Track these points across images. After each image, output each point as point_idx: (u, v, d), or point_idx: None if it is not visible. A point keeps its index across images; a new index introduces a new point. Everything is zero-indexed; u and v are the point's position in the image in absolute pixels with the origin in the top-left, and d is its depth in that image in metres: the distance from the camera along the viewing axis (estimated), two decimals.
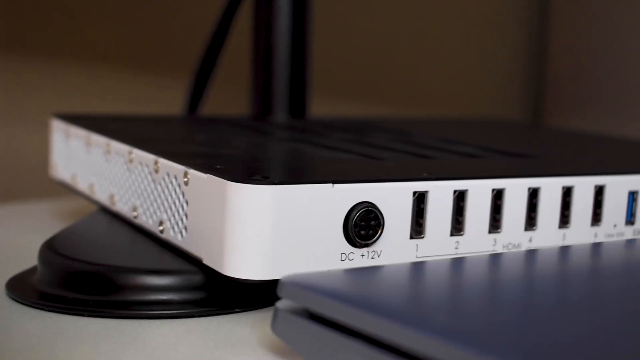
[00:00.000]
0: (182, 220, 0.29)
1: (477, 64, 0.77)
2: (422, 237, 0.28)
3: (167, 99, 0.61)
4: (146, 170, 0.32)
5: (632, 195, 0.32)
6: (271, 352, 0.24)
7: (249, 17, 0.50)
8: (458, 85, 0.77)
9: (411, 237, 0.28)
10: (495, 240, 0.30)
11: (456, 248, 0.29)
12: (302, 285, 0.22)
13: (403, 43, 0.73)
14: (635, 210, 0.32)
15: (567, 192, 0.31)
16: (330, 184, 0.26)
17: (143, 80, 0.63)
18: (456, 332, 0.18)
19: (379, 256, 0.27)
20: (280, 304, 0.23)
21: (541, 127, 0.71)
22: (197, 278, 0.28)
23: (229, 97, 0.63)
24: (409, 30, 0.73)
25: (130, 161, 0.33)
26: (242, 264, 0.26)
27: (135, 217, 0.33)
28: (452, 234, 0.29)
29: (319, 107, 0.59)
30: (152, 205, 0.31)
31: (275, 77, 0.49)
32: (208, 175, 0.27)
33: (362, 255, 0.27)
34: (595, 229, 0.32)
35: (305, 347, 0.21)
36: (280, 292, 0.22)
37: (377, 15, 0.72)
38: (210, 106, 0.58)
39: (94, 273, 0.28)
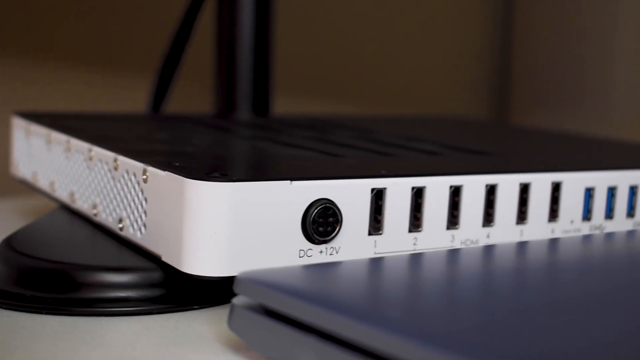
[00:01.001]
0: (141, 217, 0.29)
1: (442, 63, 0.78)
2: (380, 234, 0.28)
3: (131, 97, 0.61)
4: (106, 167, 0.32)
5: (588, 192, 0.33)
6: (228, 348, 0.24)
7: (212, 14, 0.50)
8: (423, 84, 0.77)
9: (369, 234, 0.28)
10: (453, 237, 0.30)
11: (414, 244, 0.29)
12: (257, 282, 0.22)
13: (368, 41, 0.74)
14: (591, 207, 0.33)
15: (525, 189, 0.31)
16: (289, 181, 0.26)
17: (106, 78, 0.63)
18: (410, 328, 0.19)
19: (337, 252, 0.28)
20: (236, 300, 0.23)
21: (505, 125, 0.72)
22: (156, 275, 0.28)
23: (194, 95, 0.63)
24: (374, 28, 0.74)
25: (90, 159, 0.33)
26: (200, 260, 0.26)
27: (95, 214, 0.32)
28: (410, 231, 0.29)
29: (284, 105, 0.59)
30: (111, 202, 0.31)
31: (238, 75, 0.49)
32: (166, 172, 0.27)
33: (321, 252, 0.27)
34: (553, 225, 0.32)
35: (260, 343, 0.22)
36: (236, 288, 0.22)
37: (341, 13, 0.72)
38: (175, 104, 0.58)
39: (52, 270, 0.28)
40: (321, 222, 0.27)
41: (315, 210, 0.27)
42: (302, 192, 0.27)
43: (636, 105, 0.69)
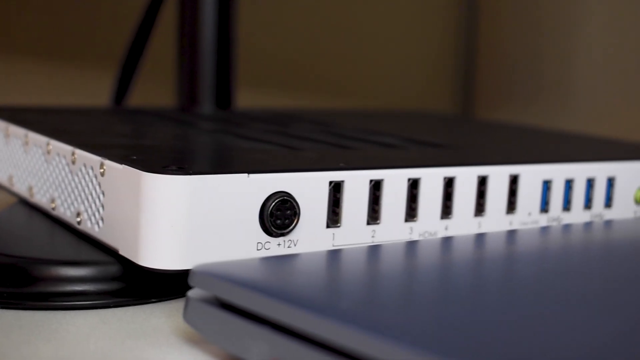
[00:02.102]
0: (98, 211, 0.29)
1: (409, 57, 0.78)
2: (339, 226, 0.28)
3: (94, 90, 0.61)
4: (64, 161, 0.31)
5: (546, 184, 0.33)
6: (183, 341, 0.24)
7: (174, 7, 0.50)
8: (390, 78, 0.77)
9: (327, 226, 0.28)
10: (411, 229, 0.30)
11: (372, 237, 0.29)
12: (212, 274, 0.22)
13: (333, 35, 0.74)
14: (549, 199, 0.33)
15: (482, 181, 0.31)
16: (246, 174, 0.26)
17: (68, 71, 0.63)
18: (363, 320, 0.19)
19: (295, 245, 0.28)
20: (191, 293, 0.23)
21: (468, 118, 0.72)
22: (113, 269, 0.28)
23: (157, 89, 0.62)
24: (339, 22, 0.74)
25: (48, 152, 0.33)
26: (157, 254, 0.26)
27: (54, 208, 0.32)
28: (368, 223, 0.29)
29: (248, 99, 0.59)
30: (69, 196, 0.31)
31: (200, 68, 0.49)
32: (123, 165, 0.27)
33: (279, 245, 0.27)
34: (511, 217, 0.32)
35: (215, 335, 0.22)
36: (191, 281, 0.22)
37: (306, 6, 0.72)
38: (139, 98, 0.58)
39: (8, 265, 0.28)
40: (279, 215, 0.27)
41: (273, 203, 0.27)
42: (260, 185, 0.27)
43: (597, 100, 0.69)
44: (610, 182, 0.35)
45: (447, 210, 0.31)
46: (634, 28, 0.68)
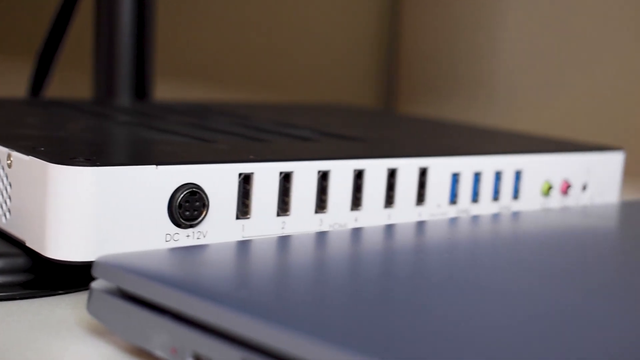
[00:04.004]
0: (6, 202, 0.29)
1: (332, 52, 0.78)
2: (248, 218, 0.29)
3: (11, 82, 0.60)
4: None
5: (455, 176, 0.34)
6: (88, 332, 0.24)
7: None
8: (312, 72, 0.78)
9: (237, 218, 0.28)
10: (321, 220, 0.30)
11: (282, 228, 0.30)
12: (114, 265, 0.22)
13: (257, 28, 0.74)
14: (458, 191, 0.34)
15: (392, 174, 0.32)
16: (154, 166, 0.26)
17: None
18: (261, 309, 0.19)
19: (204, 237, 0.28)
20: (95, 284, 0.23)
21: (386, 112, 0.73)
22: (20, 261, 0.28)
23: (76, 81, 0.62)
24: (262, 16, 0.74)
25: None
26: (64, 245, 0.26)
27: None
28: (278, 214, 0.29)
29: (171, 91, 0.59)
30: None
31: (118, 60, 0.48)
32: (30, 157, 0.27)
33: (188, 236, 0.27)
34: (420, 208, 0.33)
35: (118, 326, 0.22)
36: (94, 272, 0.22)
37: None
38: (58, 89, 0.57)
39: None
40: (187, 207, 0.27)
41: (182, 195, 0.27)
42: (168, 177, 0.27)
43: (515, 94, 0.71)
44: (518, 175, 0.36)
45: (356, 201, 0.31)
46: (551, 24, 0.69)
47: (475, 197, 0.34)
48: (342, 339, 0.17)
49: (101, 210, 0.26)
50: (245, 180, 0.29)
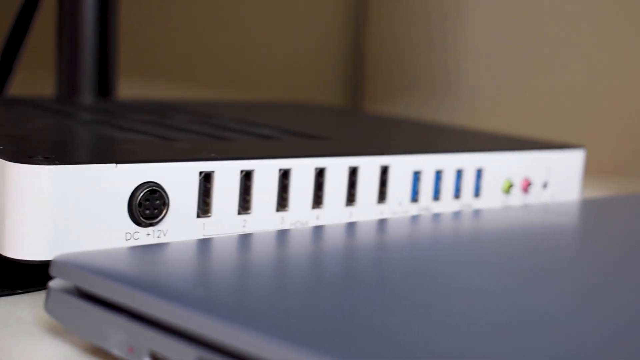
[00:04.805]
0: None
1: (298, 49, 0.78)
2: (209, 216, 0.29)
3: None
4: None
5: (416, 174, 0.34)
6: (46, 331, 0.24)
7: None
8: (278, 70, 0.78)
9: (198, 216, 0.28)
10: (282, 219, 0.30)
11: (244, 226, 0.30)
12: (72, 264, 0.22)
13: (223, 27, 0.74)
14: (419, 189, 0.34)
15: (353, 172, 0.32)
16: (114, 164, 0.26)
17: None
18: (216, 306, 0.19)
19: (165, 235, 0.28)
20: (52, 283, 0.23)
21: (351, 111, 0.73)
22: None
23: (39, 79, 0.61)
24: (228, 14, 0.74)
25: None
26: (23, 244, 0.25)
27: None
28: (239, 213, 0.29)
29: (138, 89, 0.58)
30: None
31: (80, 58, 0.48)
32: None
33: (148, 235, 0.27)
34: (381, 206, 0.33)
35: (75, 325, 0.22)
36: (52, 271, 0.22)
37: None
38: (20, 87, 0.56)
39: None
40: (147, 205, 0.27)
41: (142, 193, 0.27)
42: (128, 175, 0.27)
43: (482, 94, 0.71)
44: (479, 173, 0.36)
45: (318, 200, 0.31)
46: (515, 24, 0.70)
47: (436, 195, 0.35)
48: (300, 338, 0.17)
49: (60, 209, 0.25)
50: (206, 179, 0.29)
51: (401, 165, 0.33)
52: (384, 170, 0.33)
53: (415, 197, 0.34)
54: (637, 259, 0.28)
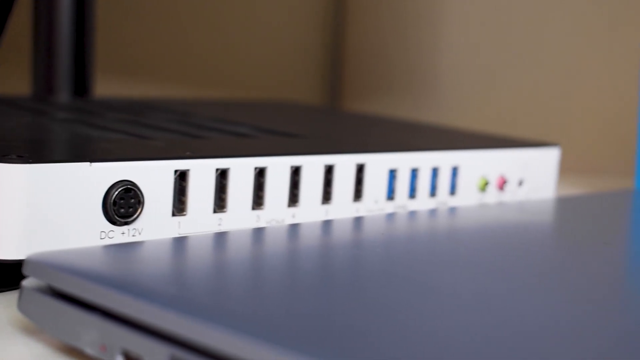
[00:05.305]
0: None
1: (277, 47, 0.78)
2: (184, 215, 0.29)
3: None
4: None
5: (392, 172, 0.34)
6: (19, 330, 0.24)
7: None
8: (257, 68, 0.77)
9: (173, 215, 0.28)
10: (258, 217, 0.31)
11: (219, 225, 0.30)
12: (45, 263, 0.22)
13: (201, 24, 0.74)
14: (395, 187, 0.34)
15: (329, 170, 0.32)
16: (88, 163, 0.26)
17: None
18: (183, 301, 0.19)
19: (140, 234, 0.28)
20: (25, 282, 0.23)
21: (328, 109, 0.73)
22: None
23: (14, 77, 0.61)
24: (206, 11, 0.74)
25: None
26: None
27: None
28: (215, 211, 0.29)
29: (115, 88, 0.58)
30: None
31: (57, 56, 0.48)
32: None
33: (123, 233, 0.27)
34: (357, 204, 0.33)
35: (49, 324, 0.21)
36: (25, 270, 0.22)
37: None
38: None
39: None
40: (122, 204, 0.27)
41: (116, 192, 0.27)
42: (103, 174, 0.27)
43: (461, 92, 0.72)
44: (455, 171, 0.36)
45: (294, 198, 0.31)
46: (492, 23, 0.70)
47: (412, 193, 0.35)
48: (274, 336, 0.17)
49: (34, 208, 0.25)
50: (181, 177, 0.29)
51: (377, 164, 0.33)
52: (360, 169, 0.33)
53: (391, 195, 0.34)
54: (611, 256, 0.28)
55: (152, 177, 0.28)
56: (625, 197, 0.41)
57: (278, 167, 0.31)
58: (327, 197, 0.32)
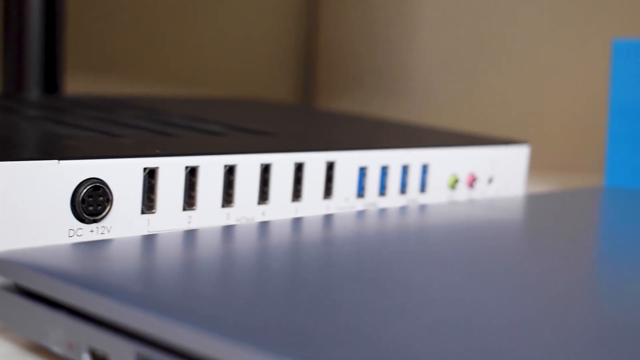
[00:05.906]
0: None
1: (250, 45, 0.78)
2: (154, 212, 0.29)
3: None
4: None
5: (362, 170, 0.34)
6: None
7: None
8: (231, 66, 0.77)
9: (142, 212, 0.28)
10: (228, 215, 0.31)
11: (189, 222, 0.30)
12: (11, 261, 0.22)
13: (174, 21, 0.73)
14: (365, 185, 0.34)
15: (299, 168, 0.32)
16: (56, 161, 0.26)
17: None
18: (149, 299, 0.19)
19: (109, 232, 0.28)
20: None
21: (300, 107, 0.73)
22: None
23: None
24: (180, 9, 0.73)
25: None
26: None
27: None
28: (184, 209, 0.29)
29: (85, 85, 0.58)
30: None
31: (27, 53, 0.48)
32: None
33: (92, 231, 0.27)
34: (327, 202, 0.33)
35: (16, 322, 0.21)
36: None
37: None
38: None
39: None
40: (91, 202, 0.27)
41: (85, 190, 0.27)
42: (71, 172, 0.27)
43: (433, 90, 0.72)
44: (425, 168, 0.36)
45: (264, 195, 0.31)
46: (465, 22, 0.70)
47: (382, 191, 0.35)
48: (240, 334, 0.17)
49: (1, 206, 0.25)
50: (151, 175, 0.28)
51: (347, 161, 0.33)
52: (330, 166, 0.33)
53: (361, 192, 0.34)
54: (579, 252, 0.28)
55: (121, 174, 0.28)
56: (594, 194, 0.41)
57: (248, 165, 0.31)
58: (297, 194, 0.32)
